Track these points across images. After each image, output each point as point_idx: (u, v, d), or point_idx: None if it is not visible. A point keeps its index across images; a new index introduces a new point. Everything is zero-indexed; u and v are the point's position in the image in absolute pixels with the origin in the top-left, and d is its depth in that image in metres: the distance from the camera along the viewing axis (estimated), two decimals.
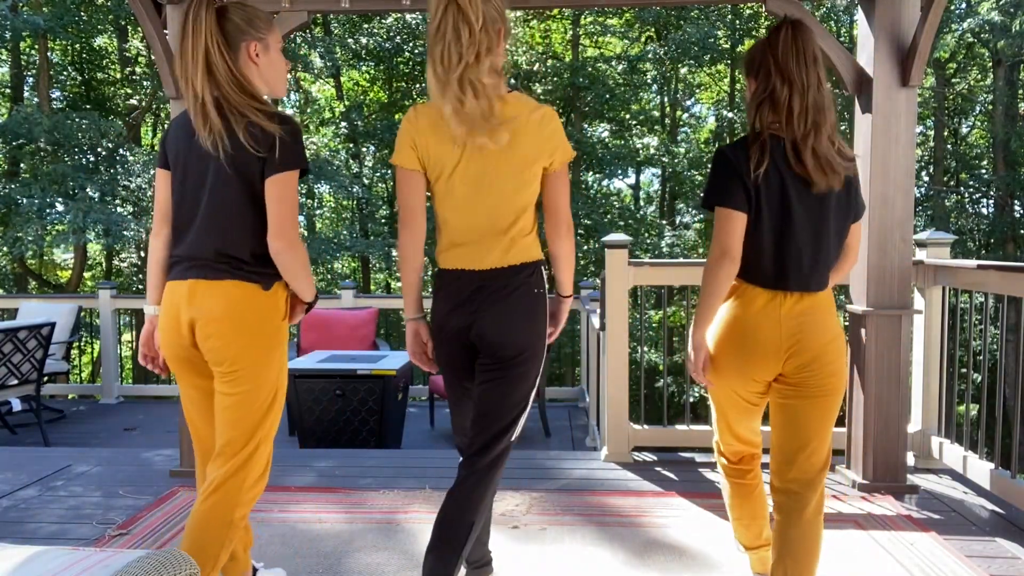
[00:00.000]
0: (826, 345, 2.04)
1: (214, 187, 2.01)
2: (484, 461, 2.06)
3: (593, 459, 3.98)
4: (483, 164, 1.94)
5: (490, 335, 2.01)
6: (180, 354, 2.07)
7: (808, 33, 2.02)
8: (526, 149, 1.95)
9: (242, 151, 1.97)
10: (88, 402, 6.98)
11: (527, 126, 1.95)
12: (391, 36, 13.72)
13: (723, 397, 2.20)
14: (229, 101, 1.97)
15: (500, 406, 2.05)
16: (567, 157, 2.04)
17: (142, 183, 11.13)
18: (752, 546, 2.34)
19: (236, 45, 2.03)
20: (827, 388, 2.06)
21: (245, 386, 2.03)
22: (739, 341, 2.07)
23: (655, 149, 14.51)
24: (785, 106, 2.00)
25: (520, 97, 2.00)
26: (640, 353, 4.16)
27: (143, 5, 3.33)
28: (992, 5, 12.55)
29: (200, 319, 2.00)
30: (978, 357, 10.75)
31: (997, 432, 3.59)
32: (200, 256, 2.02)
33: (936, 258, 3.74)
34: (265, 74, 2.09)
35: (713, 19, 13.79)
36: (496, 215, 1.98)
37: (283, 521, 3.07)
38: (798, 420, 2.08)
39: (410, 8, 3.61)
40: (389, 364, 5.03)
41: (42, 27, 10.38)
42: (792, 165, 1.99)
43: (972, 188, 16.08)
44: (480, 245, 1.99)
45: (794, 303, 2.04)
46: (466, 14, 1.85)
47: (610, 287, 3.89)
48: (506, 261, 1.99)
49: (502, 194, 1.97)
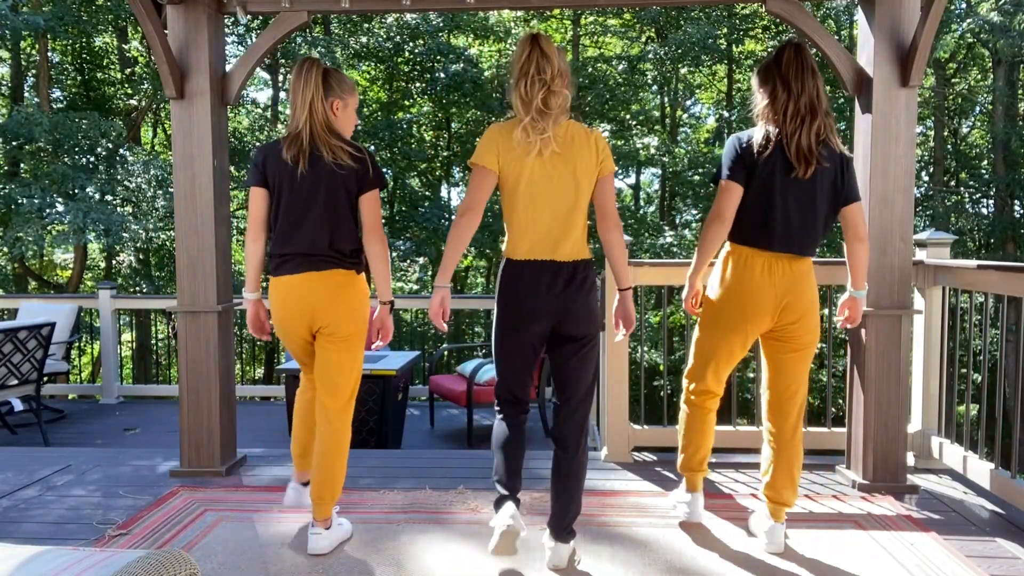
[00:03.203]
0: (809, 306, 2.64)
1: (321, 200, 2.69)
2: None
3: (593, 459, 3.98)
4: (548, 173, 2.44)
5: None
6: (296, 328, 2.77)
7: (806, 52, 2.61)
8: (584, 162, 2.46)
9: (335, 174, 2.68)
10: (88, 402, 6.98)
11: (585, 145, 2.47)
12: (391, 36, 13.72)
13: (719, 344, 2.76)
14: (319, 136, 2.69)
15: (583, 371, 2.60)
16: (613, 168, 2.56)
17: (142, 183, 11.12)
18: (692, 469, 2.95)
19: (328, 100, 2.74)
20: (807, 342, 2.69)
21: (346, 343, 2.75)
22: (742, 289, 2.64)
23: (655, 149, 14.51)
24: (782, 108, 2.59)
25: (578, 124, 2.53)
26: (640, 353, 4.16)
27: (143, 5, 3.33)
28: (992, 5, 12.55)
29: (315, 300, 2.70)
30: (978, 357, 10.75)
31: (997, 432, 3.58)
32: (311, 252, 2.69)
33: (936, 258, 3.74)
34: (340, 124, 2.80)
35: (713, 19, 13.78)
36: (558, 216, 2.47)
37: (283, 521, 3.07)
38: (787, 370, 2.73)
39: (410, 8, 3.61)
40: (389, 364, 5.03)
41: (42, 27, 10.37)
42: (783, 154, 2.57)
43: (972, 188, 16.08)
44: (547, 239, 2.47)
45: (788, 265, 2.62)
46: (549, 58, 2.44)
47: (610, 287, 3.89)
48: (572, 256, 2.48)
49: (563, 199, 2.46)
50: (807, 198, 2.59)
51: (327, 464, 2.77)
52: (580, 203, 2.47)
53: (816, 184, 2.58)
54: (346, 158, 2.68)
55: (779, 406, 2.76)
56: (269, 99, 15.56)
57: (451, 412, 6.29)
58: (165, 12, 3.52)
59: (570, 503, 2.56)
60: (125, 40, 13.41)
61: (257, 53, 3.64)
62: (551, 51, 2.44)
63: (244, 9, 3.58)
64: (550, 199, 2.45)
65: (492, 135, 2.49)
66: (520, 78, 2.44)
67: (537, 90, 2.41)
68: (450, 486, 3.47)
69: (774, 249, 2.61)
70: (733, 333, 2.71)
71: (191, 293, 3.63)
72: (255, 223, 2.80)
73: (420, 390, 6.55)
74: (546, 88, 2.41)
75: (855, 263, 2.73)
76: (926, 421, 3.78)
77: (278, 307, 2.78)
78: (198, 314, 3.62)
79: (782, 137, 2.57)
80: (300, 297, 2.72)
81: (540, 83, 2.41)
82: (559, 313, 2.48)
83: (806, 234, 2.61)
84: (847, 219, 2.67)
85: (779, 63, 2.61)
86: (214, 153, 3.58)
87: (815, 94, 2.56)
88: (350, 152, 2.70)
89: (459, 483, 3.50)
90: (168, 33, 3.54)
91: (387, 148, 13.96)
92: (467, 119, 15.03)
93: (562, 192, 2.45)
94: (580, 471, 2.58)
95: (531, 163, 2.43)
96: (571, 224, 2.46)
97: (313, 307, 2.72)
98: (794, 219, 2.59)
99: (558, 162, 2.44)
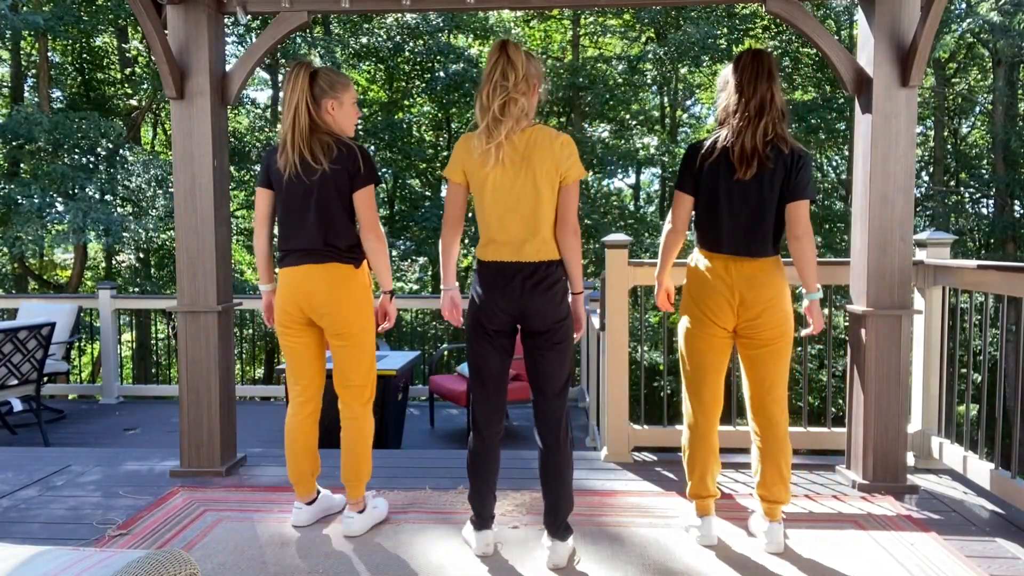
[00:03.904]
0: (769, 302, 2.65)
1: (315, 201, 2.76)
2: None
3: (593, 459, 3.98)
4: (511, 179, 2.50)
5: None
6: (295, 316, 2.86)
7: (764, 58, 2.64)
8: (545, 168, 2.50)
9: (325, 174, 2.74)
10: (88, 402, 6.98)
11: (547, 151, 2.50)
12: (391, 36, 13.72)
13: (698, 346, 2.77)
14: (305, 140, 2.75)
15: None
16: (579, 175, 2.57)
17: (142, 183, 11.12)
18: (701, 496, 2.85)
19: (319, 101, 2.81)
20: (771, 337, 2.69)
21: (353, 339, 2.85)
22: (701, 291, 2.73)
23: (655, 149, 14.51)
24: (733, 110, 2.65)
25: (544, 129, 2.55)
26: (640, 353, 4.16)
27: (143, 5, 3.33)
28: (992, 5, 12.54)
29: (314, 290, 2.79)
30: (978, 357, 10.75)
31: (997, 432, 3.58)
32: (310, 248, 2.79)
33: (936, 258, 3.74)
34: (339, 122, 2.86)
35: (713, 19, 13.78)
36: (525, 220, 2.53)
37: (283, 521, 3.07)
38: (758, 367, 2.74)
39: (410, 8, 3.61)
40: (389, 364, 5.03)
41: (42, 27, 10.36)
42: (728, 158, 2.64)
43: (972, 188, 16.08)
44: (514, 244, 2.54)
45: (741, 265, 2.67)
46: (515, 65, 2.47)
47: (610, 287, 3.89)
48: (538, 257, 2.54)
49: (526, 203, 2.51)
50: (752, 199, 2.63)
51: (355, 450, 2.93)
52: (542, 207, 2.51)
53: (763, 184, 2.62)
54: (335, 157, 2.76)
55: (758, 403, 2.78)
56: (269, 99, 15.56)
57: (451, 412, 6.29)
58: (165, 12, 3.52)
59: (560, 499, 2.61)
60: (125, 40, 13.40)
61: (257, 53, 3.64)
62: (517, 58, 2.47)
63: (244, 9, 3.58)
64: (513, 204, 2.51)
65: (458, 147, 2.60)
66: (484, 85, 2.50)
67: (496, 97, 2.46)
68: (450, 486, 3.47)
69: (724, 251, 2.68)
70: (702, 328, 2.75)
71: (191, 293, 3.63)
72: (258, 221, 2.96)
73: (420, 390, 6.55)
74: (506, 94, 2.46)
75: (796, 263, 2.71)
76: (926, 421, 3.78)
77: (279, 296, 2.89)
78: (198, 314, 3.62)
79: (729, 140, 2.63)
80: (298, 287, 2.83)
81: (502, 89, 2.46)
82: (522, 309, 2.54)
83: (754, 235, 2.65)
84: (787, 216, 2.67)
85: (736, 67, 2.67)
86: (214, 153, 3.58)
87: (767, 97, 2.60)
88: (339, 151, 2.77)
89: (459, 483, 3.50)
90: (168, 33, 3.54)
91: (387, 148, 13.97)
92: (467, 119, 15.02)
93: (524, 197, 2.50)
94: (566, 466, 2.62)
95: (493, 170, 2.50)
96: (536, 227, 2.51)
97: (311, 297, 2.81)
98: (741, 221, 2.65)
99: (519, 168, 2.49)
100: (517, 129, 2.50)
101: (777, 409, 2.77)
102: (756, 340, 2.71)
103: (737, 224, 2.66)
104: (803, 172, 2.64)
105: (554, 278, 2.55)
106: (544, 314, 2.54)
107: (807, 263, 2.69)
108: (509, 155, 2.49)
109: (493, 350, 2.62)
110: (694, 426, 2.85)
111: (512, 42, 2.52)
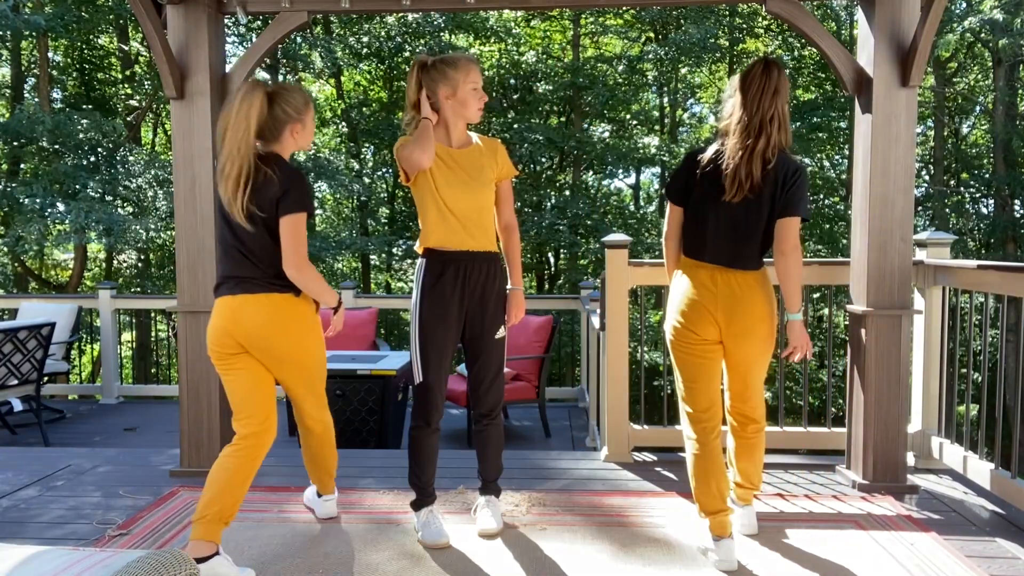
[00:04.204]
0: (755, 323, 2.62)
1: (242, 228, 2.54)
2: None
3: (593, 459, 3.98)
4: (452, 177, 2.78)
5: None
6: (233, 349, 2.62)
7: (774, 70, 2.58)
8: (482, 165, 2.81)
9: (259, 202, 2.52)
10: (88, 402, 6.98)
11: (480, 151, 2.85)
12: (391, 35, 13.72)
13: (688, 354, 2.71)
14: (249, 166, 2.51)
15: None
16: (511, 173, 2.92)
17: (143, 183, 11.12)
18: (712, 510, 2.66)
19: (281, 128, 2.61)
20: (755, 353, 2.67)
21: (296, 363, 2.69)
22: (683, 303, 2.69)
23: (655, 149, 14.49)
24: (735, 125, 2.59)
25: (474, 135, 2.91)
26: (640, 353, 4.16)
27: (143, 5, 3.34)
28: (993, 4, 12.53)
29: (250, 324, 2.58)
30: (978, 357, 10.75)
31: (997, 432, 3.58)
32: (244, 276, 2.59)
33: (936, 258, 3.74)
34: (300, 142, 2.68)
35: (713, 19, 13.78)
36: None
37: (283, 521, 3.07)
38: (739, 377, 2.74)
39: (410, 8, 3.61)
40: (389, 364, 5.03)
41: (43, 27, 10.36)
42: (720, 174, 2.60)
43: (972, 188, 16.08)
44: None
45: (727, 277, 2.62)
46: (408, 82, 2.91)
47: (610, 287, 3.89)
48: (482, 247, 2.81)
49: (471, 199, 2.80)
50: (741, 215, 2.59)
51: (326, 450, 2.99)
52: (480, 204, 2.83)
53: (751, 204, 2.58)
54: (273, 191, 2.52)
55: (738, 409, 2.82)
56: None
57: (451, 412, 6.29)
58: (165, 12, 3.53)
59: (495, 463, 3.00)
60: (125, 40, 13.40)
61: (257, 53, 3.64)
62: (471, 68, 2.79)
63: (244, 9, 3.58)
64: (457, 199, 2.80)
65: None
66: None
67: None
68: (450, 486, 3.47)
69: (707, 261, 2.65)
70: (688, 342, 2.68)
71: (191, 293, 3.63)
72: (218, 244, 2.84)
73: None
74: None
75: (780, 279, 2.62)
76: (926, 421, 3.78)
77: (212, 325, 2.66)
78: (198, 314, 3.62)
79: (725, 162, 2.58)
80: (232, 317, 2.59)
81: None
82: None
83: (741, 249, 2.61)
84: (776, 230, 2.60)
85: (744, 80, 2.61)
86: (214, 153, 3.58)
87: (770, 115, 2.53)
88: (280, 180, 2.53)
89: (459, 483, 3.50)
90: (168, 33, 3.54)
91: (387, 148, 13.96)
92: None
93: (467, 194, 2.80)
94: (501, 436, 2.99)
95: (435, 171, 2.80)
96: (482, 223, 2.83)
97: (246, 329, 2.58)
98: (728, 234, 2.61)
99: (458, 167, 2.80)
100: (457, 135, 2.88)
101: (758, 416, 2.80)
102: (736, 354, 2.68)
103: (724, 236, 2.62)
104: (796, 189, 2.56)
105: (497, 270, 2.92)
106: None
107: (790, 280, 2.60)
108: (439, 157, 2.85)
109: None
110: (694, 438, 2.72)
111: (472, 58, 2.86)
